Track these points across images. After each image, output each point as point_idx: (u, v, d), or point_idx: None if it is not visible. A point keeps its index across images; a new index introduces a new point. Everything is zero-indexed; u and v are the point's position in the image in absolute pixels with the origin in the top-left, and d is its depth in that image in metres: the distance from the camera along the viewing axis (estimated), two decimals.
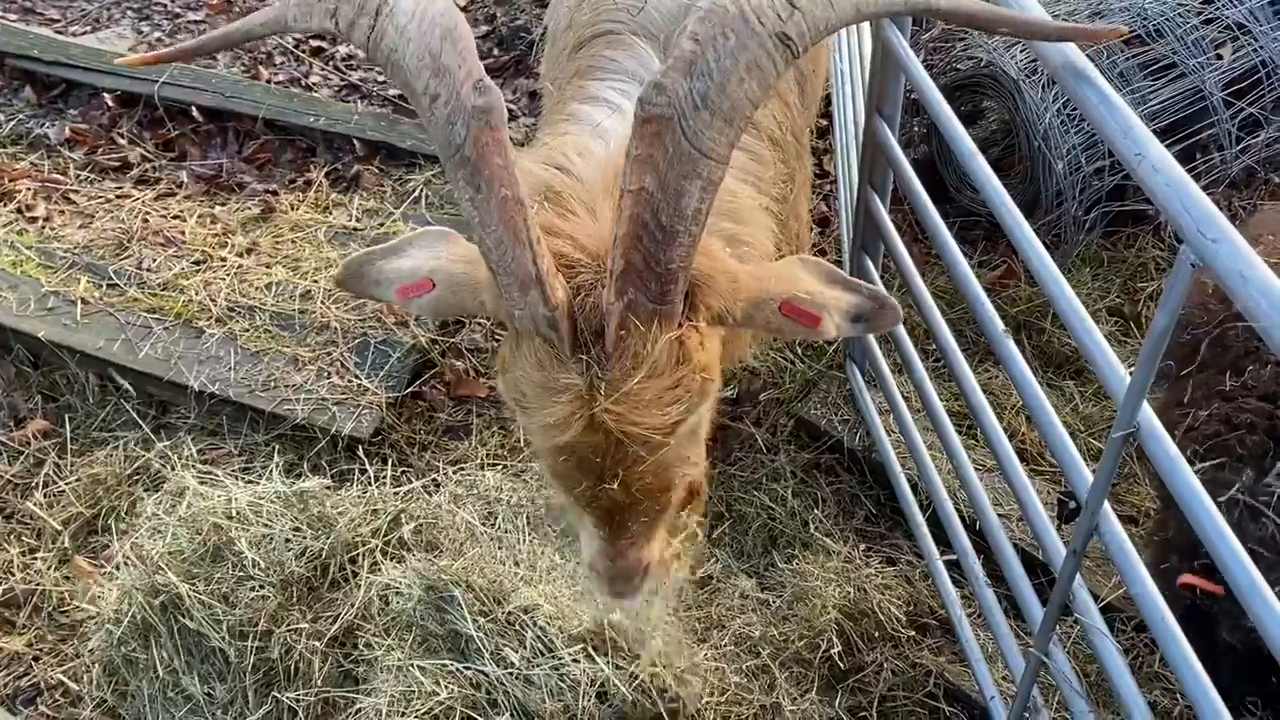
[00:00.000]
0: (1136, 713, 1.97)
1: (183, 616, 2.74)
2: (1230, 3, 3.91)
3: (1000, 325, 2.31)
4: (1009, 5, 1.92)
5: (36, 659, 3.03)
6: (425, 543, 2.92)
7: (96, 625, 2.89)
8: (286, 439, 3.49)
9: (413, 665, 2.58)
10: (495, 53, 5.24)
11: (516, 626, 2.61)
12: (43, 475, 3.43)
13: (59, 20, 5.55)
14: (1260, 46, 3.87)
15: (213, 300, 3.86)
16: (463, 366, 3.76)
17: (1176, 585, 2.01)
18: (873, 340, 3.28)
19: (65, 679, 2.96)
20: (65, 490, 3.38)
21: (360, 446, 3.41)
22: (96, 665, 2.86)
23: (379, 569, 2.84)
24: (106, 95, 4.80)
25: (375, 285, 1.97)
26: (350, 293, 2.27)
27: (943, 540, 2.94)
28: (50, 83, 4.92)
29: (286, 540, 2.85)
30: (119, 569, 2.94)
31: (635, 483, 1.80)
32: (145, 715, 2.77)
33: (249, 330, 3.76)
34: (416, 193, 4.39)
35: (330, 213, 4.34)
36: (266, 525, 2.86)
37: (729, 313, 1.80)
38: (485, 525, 2.95)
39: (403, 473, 3.29)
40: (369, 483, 3.11)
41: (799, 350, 3.73)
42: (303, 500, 2.94)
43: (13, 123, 4.72)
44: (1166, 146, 1.62)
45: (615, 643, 2.60)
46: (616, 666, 2.56)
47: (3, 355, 3.75)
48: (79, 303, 3.80)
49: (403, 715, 2.50)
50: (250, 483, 3.04)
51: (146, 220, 4.26)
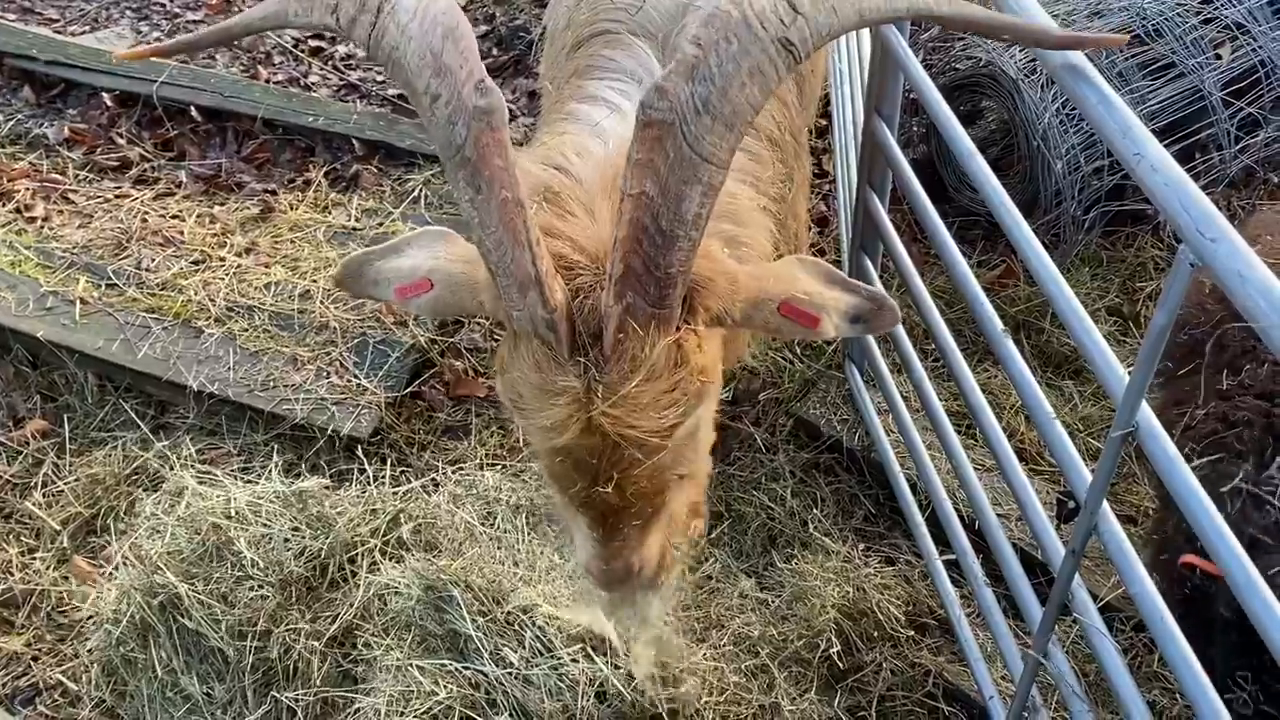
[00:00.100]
0: (1135, 712, 1.98)
1: (181, 616, 2.74)
2: (1229, 2, 3.91)
3: (999, 325, 2.31)
4: (1010, 10, 1.92)
5: (35, 659, 3.03)
6: (424, 542, 2.92)
7: (95, 625, 2.90)
8: (285, 439, 3.49)
9: (411, 665, 2.58)
10: (494, 52, 5.24)
11: (515, 626, 2.61)
12: (41, 475, 3.43)
13: (58, 20, 5.55)
14: (1259, 46, 3.87)
15: (211, 300, 3.86)
16: (462, 366, 3.76)
17: (1179, 564, 2.01)
18: (872, 340, 3.28)
19: (64, 679, 2.96)
20: (64, 490, 3.38)
21: (359, 446, 3.41)
22: (95, 665, 2.86)
23: (378, 569, 2.84)
24: (105, 95, 4.80)
25: (374, 285, 1.96)
26: (349, 292, 2.26)
27: (942, 540, 2.94)
28: (49, 82, 4.92)
29: (285, 540, 2.85)
30: (118, 569, 2.94)
31: (630, 485, 1.80)
32: (144, 715, 2.77)
33: (248, 330, 3.76)
34: (415, 192, 4.39)
35: (329, 212, 4.34)
36: (265, 525, 2.86)
37: (728, 314, 1.79)
38: (484, 525, 2.95)
39: (402, 472, 3.29)
40: (368, 482, 3.11)
41: (798, 350, 3.72)
42: (302, 500, 2.94)
43: (11, 122, 4.72)
44: (1165, 146, 1.61)
45: (614, 643, 2.60)
46: (615, 666, 2.56)
47: (1, 355, 3.75)
48: (78, 302, 3.80)
49: (402, 715, 2.50)
50: (249, 482, 3.04)
51: (145, 220, 4.26)
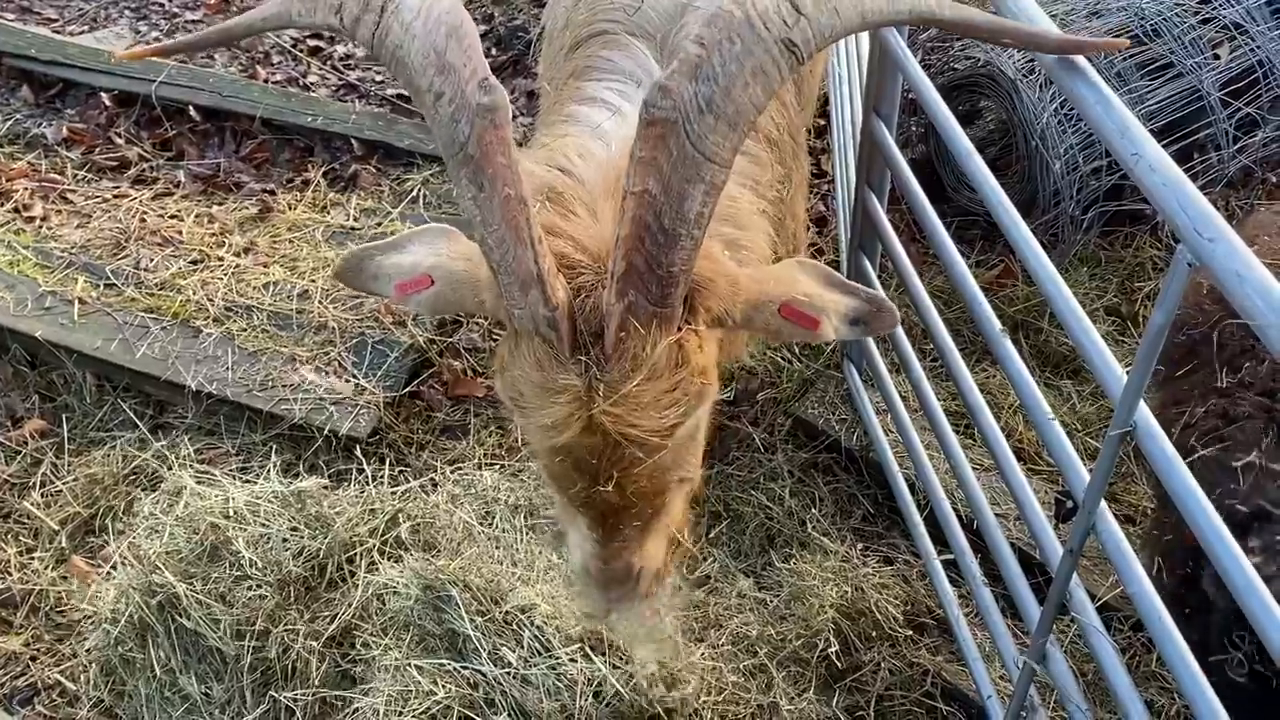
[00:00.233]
0: (1133, 711, 1.98)
1: (180, 616, 2.74)
2: (1227, 2, 3.91)
3: (997, 325, 2.31)
4: (1009, 10, 1.92)
5: (34, 659, 3.02)
6: (423, 542, 2.93)
7: (93, 625, 2.89)
8: (284, 439, 3.49)
9: (410, 665, 2.58)
10: (493, 52, 5.24)
11: (514, 626, 2.61)
12: (40, 475, 3.43)
13: (56, 20, 5.55)
14: (1257, 46, 3.87)
15: (210, 300, 3.86)
16: (460, 366, 3.75)
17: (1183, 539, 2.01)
18: (870, 340, 3.28)
19: (62, 679, 2.96)
20: (62, 490, 3.38)
21: (358, 446, 3.41)
22: (94, 665, 2.86)
23: (376, 568, 2.84)
24: (104, 95, 4.80)
25: (374, 280, 1.96)
26: (349, 287, 2.26)
27: (940, 539, 2.94)
28: (47, 82, 4.92)
29: (284, 540, 2.85)
30: (116, 568, 2.95)
31: (630, 485, 1.80)
32: (142, 715, 2.77)
33: (246, 330, 3.76)
34: (414, 192, 4.38)
35: (328, 212, 4.34)
36: (264, 525, 2.86)
37: (728, 315, 1.80)
38: (483, 525, 2.95)
39: (400, 472, 3.29)
40: (366, 482, 3.11)
41: (796, 350, 3.73)
42: (300, 500, 2.94)
43: (10, 122, 4.72)
44: (1164, 146, 1.62)
45: (612, 643, 2.60)
46: (613, 666, 2.56)
47: (0, 355, 3.75)
48: (76, 302, 3.80)
49: (400, 715, 2.50)
50: (248, 482, 3.04)
51: (144, 220, 4.26)
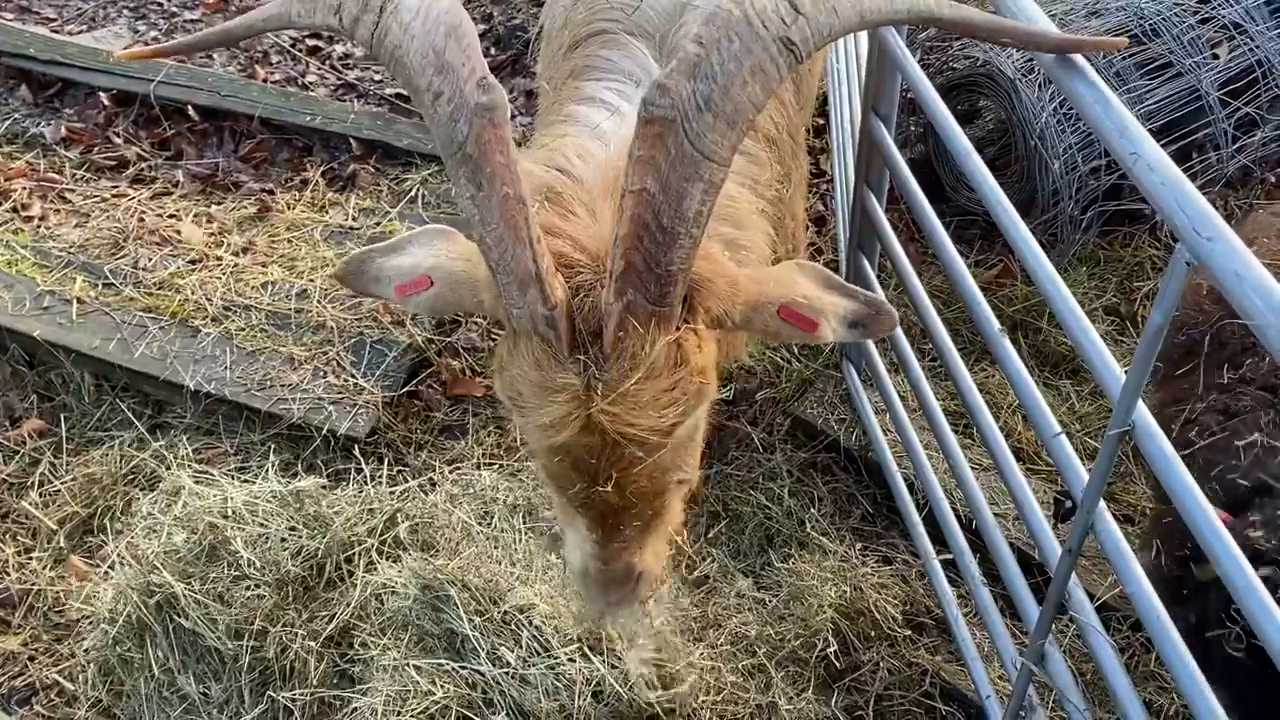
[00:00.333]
0: (1132, 711, 1.98)
1: (178, 616, 2.74)
2: (1226, 2, 3.91)
3: (996, 324, 2.31)
4: (1009, 12, 1.92)
5: (32, 659, 3.02)
6: (421, 542, 2.92)
7: (91, 625, 2.89)
8: (282, 438, 3.48)
9: (408, 665, 2.58)
10: (492, 52, 5.23)
11: (512, 626, 2.61)
12: (38, 475, 3.43)
13: (55, 19, 5.54)
14: (1256, 46, 3.87)
15: (208, 299, 3.85)
16: (459, 366, 3.75)
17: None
18: (869, 339, 3.28)
19: (60, 679, 2.95)
20: (60, 490, 3.38)
21: (356, 446, 3.41)
22: (92, 665, 2.86)
23: (375, 568, 2.84)
24: (102, 94, 4.79)
25: (374, 282, 1.96)
26: (350, 289, 2.26)
27: (939, 539, 2.94)
28: (46, 81, 4.91)
29: (282, 539, 2.85)
30: (114, 568, 2.95)
31: (629, 485, 1.80)
32: (141, 715, 2.77)
33: (245, 329, 3.75)
34: (413, 192, 4.38)
35: (326, 212, 4.34)
36: (262, 524, 2.86)
37: (727, 315, 1.80)
38: (481, 524, 2.95)
39: (399, 472, 3.29)
40: (365, 482, 3.11)
41: (795, 350, 3.72)
42: (298, 499, 2.94)
43: (8, 122, 4.72)
44: (1163, 146, 1.62)
45: (611, 642, 2.60)
46: (612, 666, 2.56)
47: None
48: (74, 302, 3.80)
49: (398, 714, 2.50)
50: (246, 482, 3.04)
51: (142, 219, 4.26)
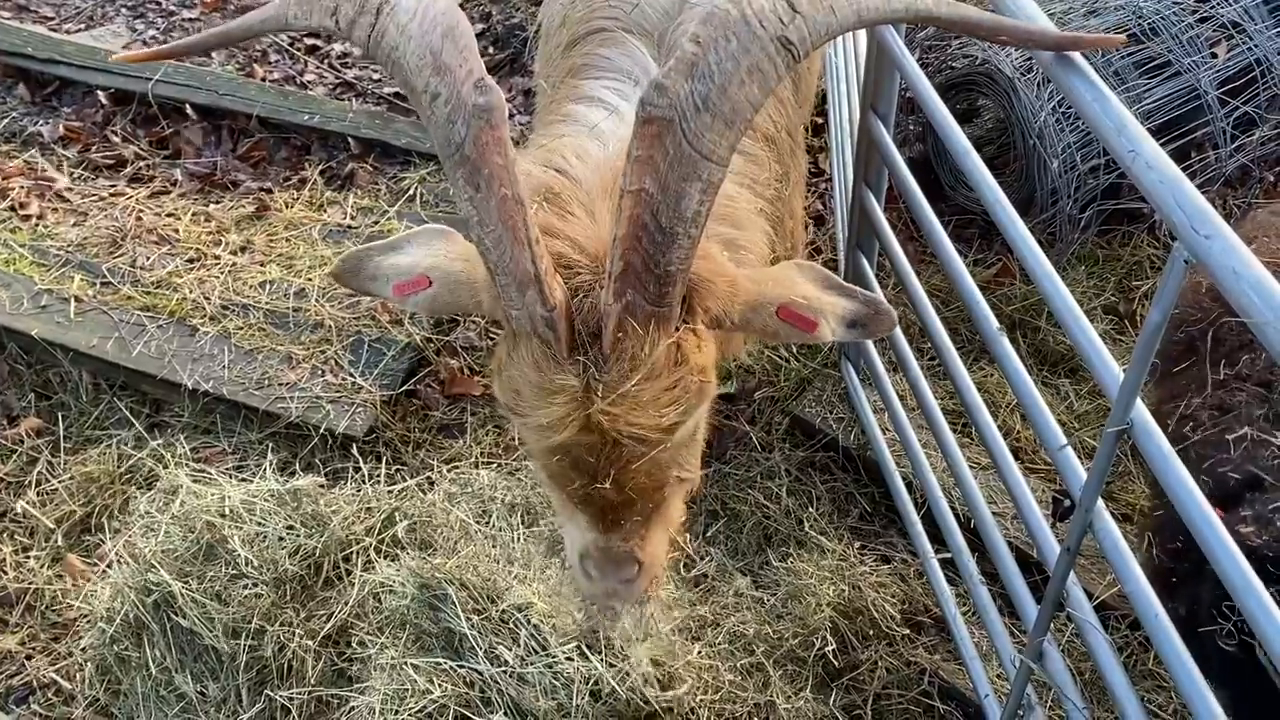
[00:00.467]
0: (1130, 710, 1.98)
1: (176, 615, 2.74)
2: (1225, 1, 3.91)
3: (995, 323, 2.31)
4: (1008, 11, 1.92)
5: (29, 658, 3.02)
6: (419, 541, 2.92)
7: (89, 623, 2.88)
8: (280, 437, 3.48)
9: (406, 664, 2.57)
10: (490, 51, 5.23)
11: (510, 625, 2.61)
12: (36, 474, 3.43)
13: (53, 18, 5.53)
14: (1255, 45, 3.87)
15: (207, 298, 3.85)
16: (457, 365, 3.75)
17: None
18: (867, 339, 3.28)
19: (58, 677, 2.95)
20: (58, 488, 3.37)
21: (354, 445, 3.40)
22: (89, 664, 2.86)
23: (373, 567, 2.83)
24: (100, 93, 4.79)
25: (372, 281, 1.96)
26: (347, 288, 2.25)
27: (937, 538, 2.94)
28: (44, 80, 4.91)
29: (280, 538, 2.85)
30: (112, 567, 2.94)
31: (629, 482, 1.80)
32: (138, 714, 2.76)
33: (243, 328, 3.75)
34: (411, 191, 4.38)
35: (325, 211, 4.33)
36: (260, 523, 2.86)
37: (726, 316, 1.80)
38: (479, 523, 2.95)
39: (397, 471, 3.28)
40: (363, 481, 3.11)
41: (794, 349, 3.72)
42: (296, 498, 2.94)
43: (6, 120, 4.71)
44: (1161, 145, 1.61)
45: (609, 641, 2.60)
46: (610, 665, 2.55)
47: None
48: (72, 301, 3.79)
49: (396, 714, 2.50)
50: (244, 481, 3.03)
51: (140, 218, 4.25)
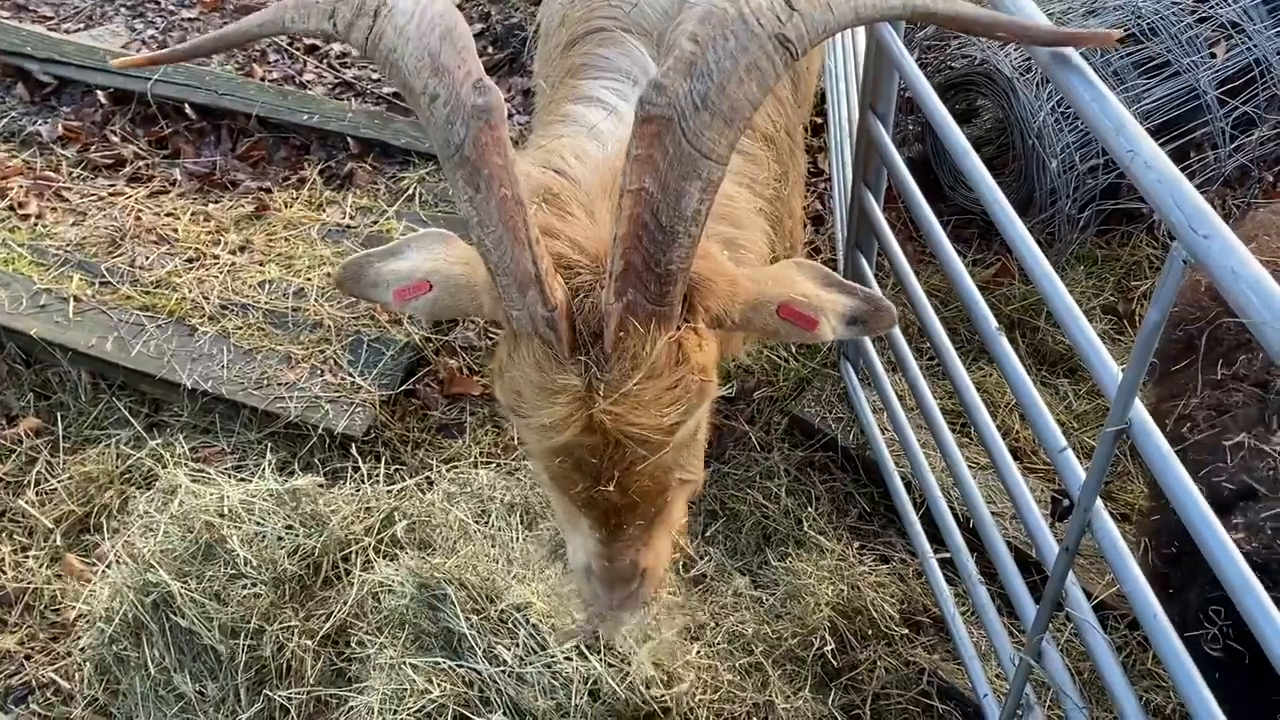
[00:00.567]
0: (1129, 710, 1.98)
1: (174, 614, 2.74)
2: (1224, 1, 3.91)
3: (994, 323, 2.31)
4: (1005, 8, 1.92)
5: (28, 657, 3.02)
6: (418, 540, 2.92)
7: (88, 624, 2.89)
8: (279, 437, 3.48)
9: (405, 663, 2.58)
10: (490, 51, 5.23)
11: (509, 624, 2.61)
12: (34, 473, 3.43)
13: (52, 18, 5.53)
14: (1254, 45, 3.87)
15: (206, 298, 3.85)
16: (456, 364, 3.75)
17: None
18: (867, 338, 3.28)
19: (57, 677, 2.95)
20: (57, 488, 3.37)
21: (353, 444, 3.40)
22: (88, 664, 2.85)
23: (372, 567, 2.83)
24: (99, 93, 4.79)
25: (373, 287, 1.96)
26: (348, 295, 2.25)
27: (936, 538, 2.94)
28: (43, 80, 4.90)
29: (279, 538, 2.85)
30: (110, 567, 2.94)
31: (632, 484, 1.79)
32: (137, 713, 2.76)
33: (242, 328, 3.75)
34: (410, 190, 4.38)
35: (324, 210, 4.33)
36: (259, 523, 2.86)
37: (727, 315, 1.80)
38: (478, 523, 2.95)
39: (396, 470, 3.28)
40: (362, 480, 3.11)
41: (793, 348, 3.72)
42: (295, 498, 2.94)
43: (5, 120, 4.71)
44: (1161, 145, 1.61)
45: (608, 641, 2.60)
46: (609, 665, 2.56)
47: None
48: (71, 300, 3.79)
49: (395, 713, 2.50)
50: (243, 480, 3.04)
51: (139, 218, 4.25)
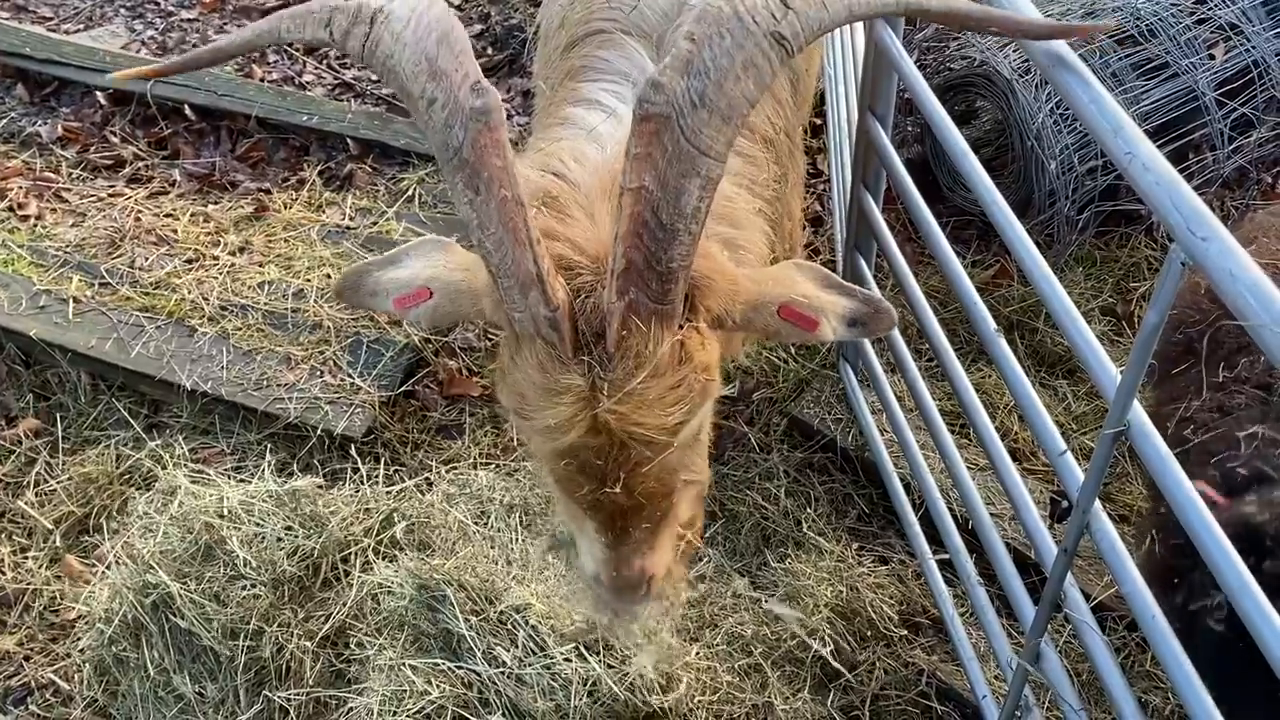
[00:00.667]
0: (1127, 711, 1.98)
1: (174, 615, 2.74)
2: (1223, 3, 3.92)
3: (993, 324, 2.31)
4: (998, 2, 1.92)
5: (27, 658, 3.02)
6: (417, 542, 2.93)
7: (87, 624, 2.89)
8: (279, 438, 3.48)
9: (404, 664, 2.58)
10: (489, 52, 5.23)
11: (508, 625, 2.61)
12: (34, 474, 3.43)
13: (52, 18, 5.53)
14: (1252, 46, 3.88)
15: (205, 299, 3.85)
16: (455, 365, 3.75)
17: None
18: (866, 339, 3.28)
19: (56, 678, 2.95)
20: (56, 489, 3.38)
21: (353, 445, 3.40)
22: (87, 664, 2.86)
23: (371, 568, 2.84)
24: (99, 93, 4.79)
25: (372, 296, 1.96)
26: (348, 304, 2.25)
27: (935, 539, 2.94)
28: (43, 81, 4.91)
29: (278, 539, 2.85)
30: (110, 568, 2.95)
31: (638, 486, 1.79)
32: (136, 714, 2.76)
33: (241, 329, 3.75)
34: (410, 191, 4.38)
35: (323, 211, 4.34)
36: (258, 524, 2.86)
37: (728, 315, 1.80)
38: (477, 524, 2.95)
39: (395, 471, 3.29)
40: (361, 482, 3.11)
41: (792, 350, 3.72)
42: (294, 499, 2.94)
43: (4, 121, 4.71)
44: (1159, 147, 1.62)
45: (607, 642, 2.60)
46: (608, 665, 2.56)
47: None
48: (71, 301, 3.79)
49: (394, 714, 2.50)
50: (242, 481, 3.04)
51: (139, 219, 4.26)
